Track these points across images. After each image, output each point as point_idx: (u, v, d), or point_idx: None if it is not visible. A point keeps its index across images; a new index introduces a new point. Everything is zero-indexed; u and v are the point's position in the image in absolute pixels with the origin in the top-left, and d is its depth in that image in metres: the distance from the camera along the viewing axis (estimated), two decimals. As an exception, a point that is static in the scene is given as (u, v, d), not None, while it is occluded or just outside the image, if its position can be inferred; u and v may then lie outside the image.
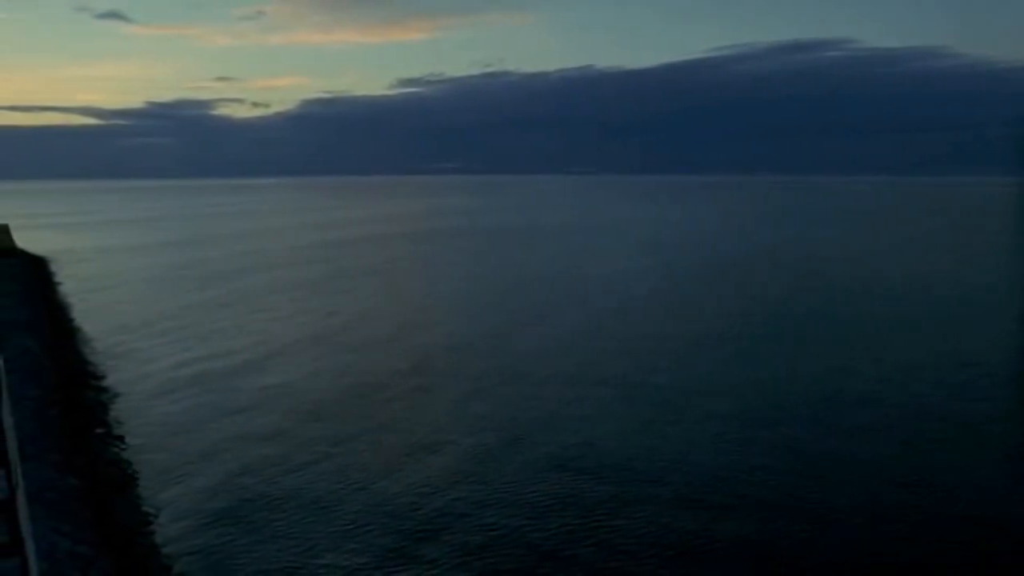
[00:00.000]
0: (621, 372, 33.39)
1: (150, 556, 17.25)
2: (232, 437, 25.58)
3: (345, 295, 55.65)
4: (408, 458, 23.64)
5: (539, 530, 18.69)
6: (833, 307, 48.89)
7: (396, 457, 23.71)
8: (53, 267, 72.13)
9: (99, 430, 25.74)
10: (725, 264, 72.63)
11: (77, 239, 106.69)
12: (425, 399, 29.96)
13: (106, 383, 32.07)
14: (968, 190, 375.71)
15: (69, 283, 61.79)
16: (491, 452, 23.98)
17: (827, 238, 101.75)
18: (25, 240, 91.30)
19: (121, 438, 25.40)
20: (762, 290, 56.08)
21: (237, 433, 25.98)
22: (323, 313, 48.29)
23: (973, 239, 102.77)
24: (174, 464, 23.18)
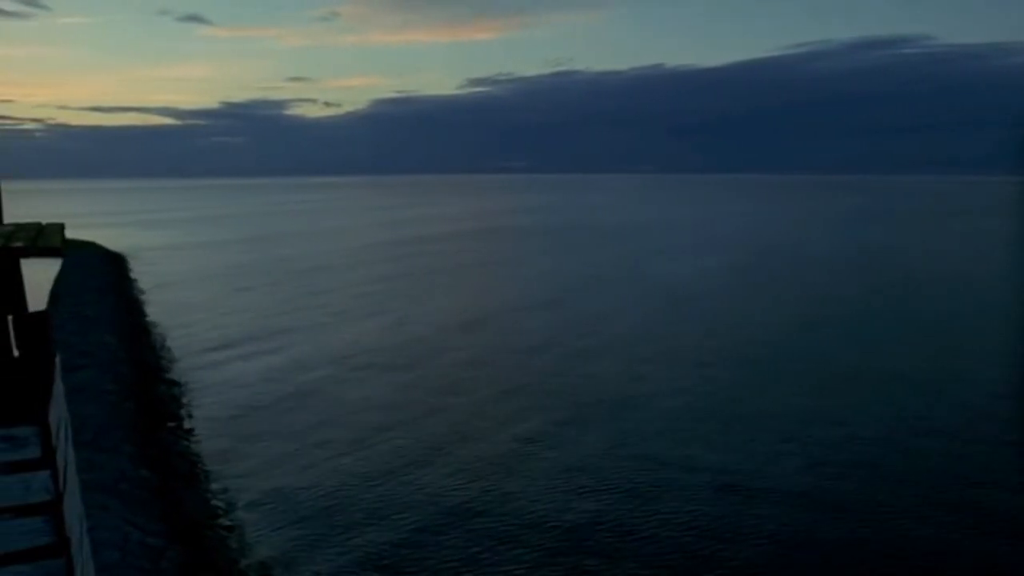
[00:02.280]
0: (707, 375, 33.07)
1: (217, 549, 17.55)
2: (302, 433, 25.92)
3: (416, 293, 55.93)
4: (520, 462, 23.65)
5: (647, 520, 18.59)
6: (918, 309, 47.78)
7: (490, 458, 23.76)
8: (131, 263, 73.97)
9: (171, 424, 26.30)
10: (805, 264, 71.29)
11: (154, 236, 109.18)
12: (522, 399, 29.93)
13: (178, 377, 32.78)
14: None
15: (146, 279, 63.28)
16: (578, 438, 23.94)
17: (907, 243, 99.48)
18: (104, 237, 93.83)
19: (192, 431, 25.94)
20: (853, 290, 55.06)
21: (307, 429, 26.32)
22: (391, 311, 48.64)
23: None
24: (243, 458, 23.59)
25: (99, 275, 60.55)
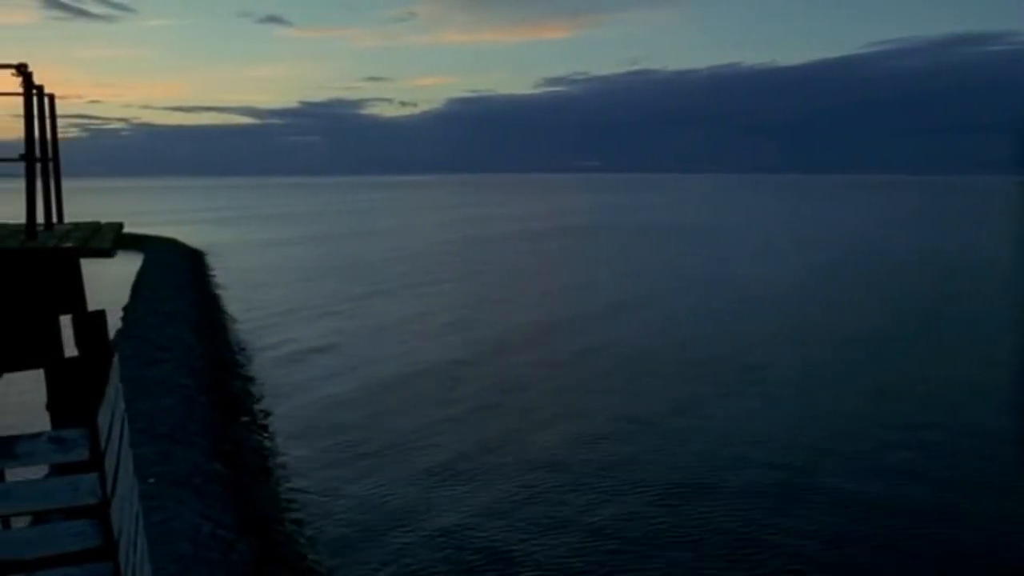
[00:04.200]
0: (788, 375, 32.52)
1: (286, 543, 17.73)
2: (375, 429, 26.01)
3: (492, 291, 55.97)
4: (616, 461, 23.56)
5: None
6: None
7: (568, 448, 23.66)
8: (209, 259, 75.57)
9: (244, 418, 26.70)
10: (887, 265, 69.59)
11: (233, 232, 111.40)
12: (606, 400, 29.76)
13: (252, 373, 33.29)
14: None
15: (224, 275, 64.56)
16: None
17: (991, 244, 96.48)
18: (184, 233, 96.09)
19: (265, 427, 26.29)
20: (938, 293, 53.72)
21: (380, 425, 26.41)
22: (469, 308, 48.73)
23: None
24: (314, 454, 23.79)
25: (178, 271, 61.99)
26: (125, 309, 44.37)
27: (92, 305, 6.13)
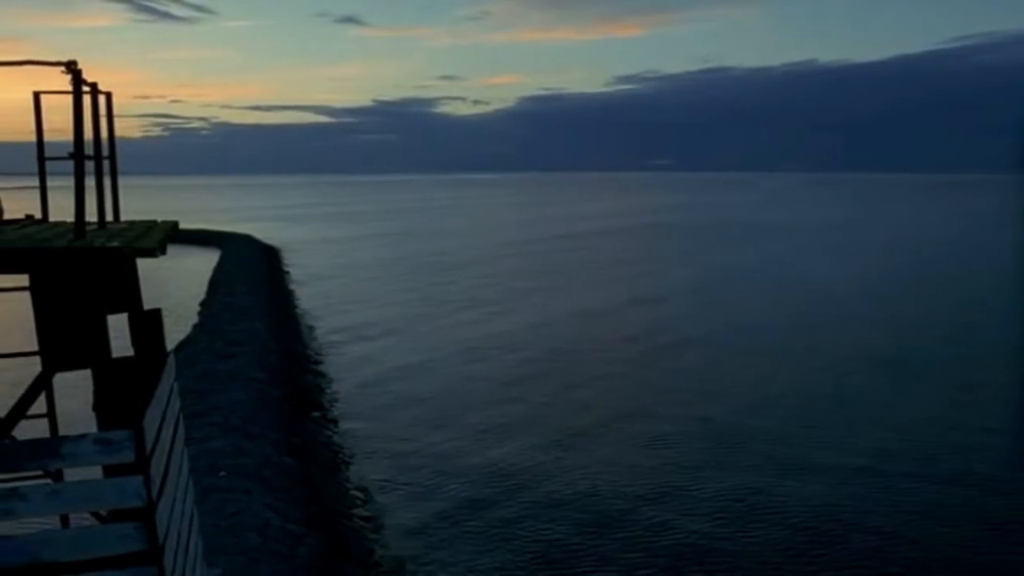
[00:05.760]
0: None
1: (353, 538, 17.82)
2: (445, 426, 26.00)
3: (566, 290, 55.72)
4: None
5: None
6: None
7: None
8: (284, 255, 76.71)
9: (315, 413, 26.95)
10: (966, 269, 67.66)
11: (307, 230, 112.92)
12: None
13: (324, 368, 33.63)
14: None
15: (297, 271, 65.49)
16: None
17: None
18: (260, 230, 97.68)
19: (335, 422, 26.50)
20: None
21: (451, 422, 26.38)
22: (539, 306, 48.56)
23: None
24: (384, 450, 23.88)
25: (254, 267, 63.04)
26: (202, 304, 45.28)
27: (171, 300, 6.20)
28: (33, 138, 6.90)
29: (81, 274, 5.47)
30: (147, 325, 6.14)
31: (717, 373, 32.83)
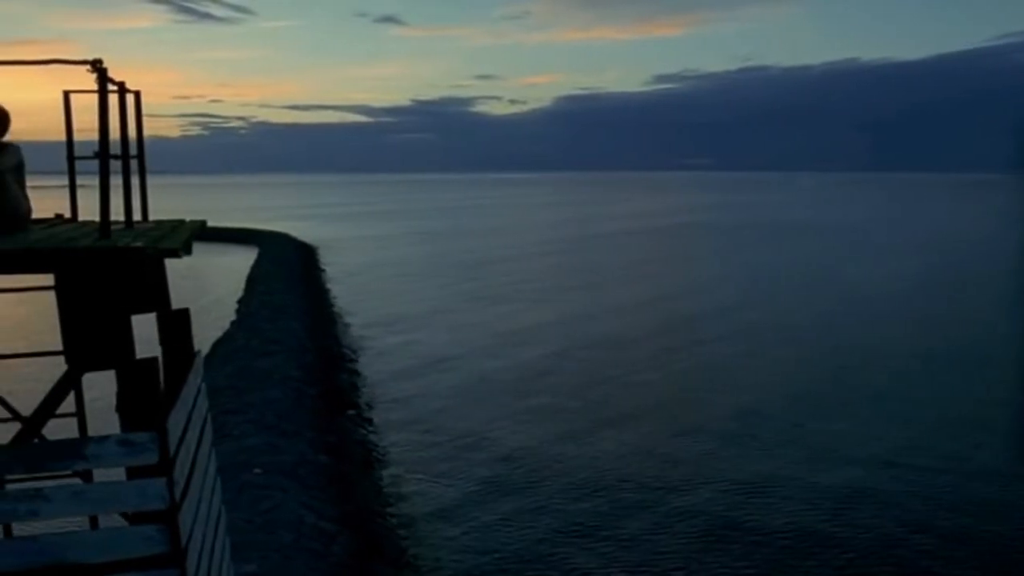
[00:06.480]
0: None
1: (387, 537, 17.83)
2: (481, 427, 25.90)
3: (605, 289, 55.49)
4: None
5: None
6: None
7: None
8: (321, 254, 77.18)
9: (350, 411, 27.04)
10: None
11: (345, 228, 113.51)
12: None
13: (359, 366, 33.74)
14: None
15: (334, 269, 65.85)
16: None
17: None
18: (297, 229, 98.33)
19: (370, 421, 26.57)
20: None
21: (488, 424, 26.25)
22: (580, 305, 48.44)
23: None
24: (419, 450, 23.89)
25: (290, 265, 63.47)
26: (240, 301, 45.66)
27: (210, 297, 6.22)
28: (64, 137, 7.00)
29: (104, 274, 5.49)
30: (175, 325, 6.16)
31: (747, 365, 32.93)
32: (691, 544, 17.74)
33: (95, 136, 5.90)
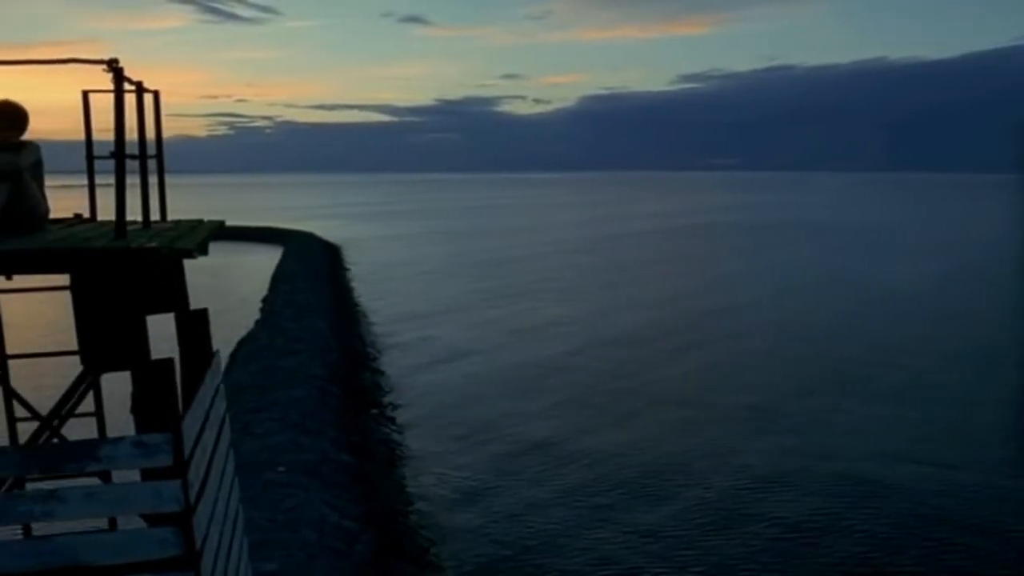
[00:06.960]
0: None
1: (409, 536, 17.82)
2: (505, 428, 25.81)
3: (627, 289, 55.37)
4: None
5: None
6: None
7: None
8: (346, 253, 77.46)
9: (374, 410, 27.08)
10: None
11: (369, 227, 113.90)
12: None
13: (383, 365, 33.78)
14: None
15: (358, 268, 66.06)
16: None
17: None
18: (322, 228, 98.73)
19: (392, 419, 26.58)
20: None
21: (512, 424, 26.17)
22: (601, 303, 48.41)
23: None
24: (441, 449, 23.88)
25: (315, 264, 63.72)
26: (264, 300, 45.87)
27: (235, 296, 6.23)
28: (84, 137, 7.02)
29: (119, 274, 5.49)
30: (193, 325, 6.16)
31: (766, 363, 32.95)
32: (709, 534, 17.85)
33: (112, 136, 5.91)
